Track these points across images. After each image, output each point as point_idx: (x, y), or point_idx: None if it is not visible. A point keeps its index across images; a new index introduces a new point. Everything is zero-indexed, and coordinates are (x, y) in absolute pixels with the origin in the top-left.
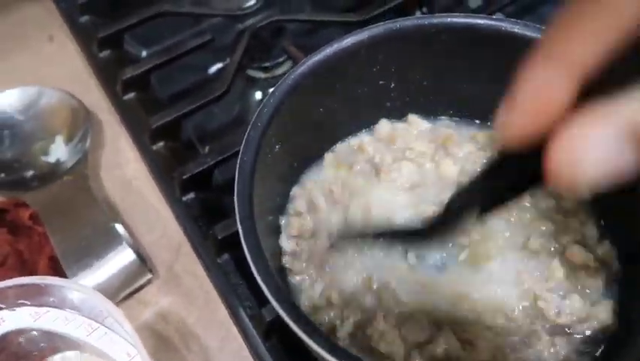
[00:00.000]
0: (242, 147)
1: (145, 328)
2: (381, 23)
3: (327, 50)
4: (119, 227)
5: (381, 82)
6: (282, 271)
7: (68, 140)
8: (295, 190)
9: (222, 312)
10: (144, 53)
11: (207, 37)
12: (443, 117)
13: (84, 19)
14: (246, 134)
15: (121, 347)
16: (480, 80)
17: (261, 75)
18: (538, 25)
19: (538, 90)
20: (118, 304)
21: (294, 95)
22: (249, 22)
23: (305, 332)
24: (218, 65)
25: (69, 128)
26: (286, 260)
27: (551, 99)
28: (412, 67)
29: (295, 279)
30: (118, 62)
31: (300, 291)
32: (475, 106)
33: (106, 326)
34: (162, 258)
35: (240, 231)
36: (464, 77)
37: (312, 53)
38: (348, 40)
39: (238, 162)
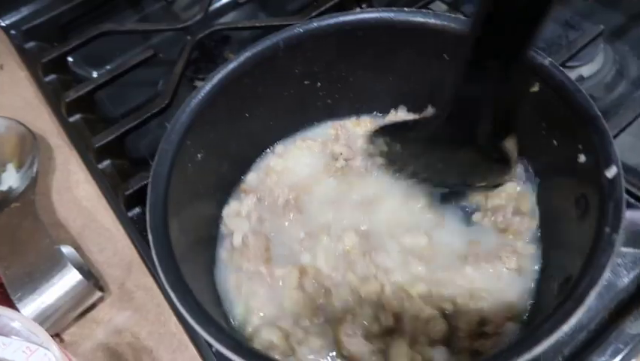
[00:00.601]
0: (155, 158)
1: (99, 346)
2: (297, 24)
3: (242, 57)
4: (66, 249)
5: (306, 82)
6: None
7: (19, 167)
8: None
9: (174, 322)
10: (95, 74)
11: (149, 53)
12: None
13: (30, 45)
14: (159, 147)
15: None
16: (401, 72)
17: None
18: (454, 16)
19: None
20: (71, 324)
21: (210, 105)
22: (193, 34)
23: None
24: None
25: (19, 156)
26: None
27: None
28: (335, 65)
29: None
30: (65, 85)
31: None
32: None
33: (45, 348)
34: (114, 275)
35: (150, 238)
36: (386, 72)
37: (225, 62)
38: (263, 45)
39: (151, 173)
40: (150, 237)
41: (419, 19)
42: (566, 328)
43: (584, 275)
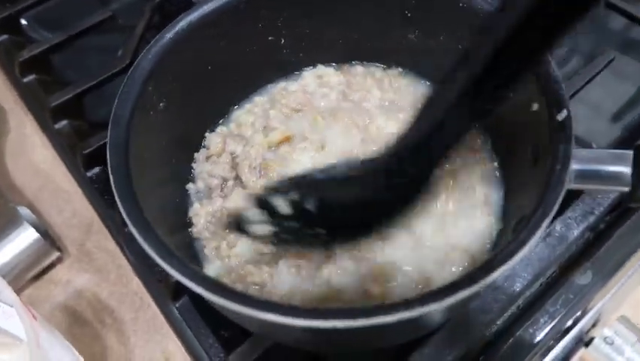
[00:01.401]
0: (116, 101)
1: (57, 306)
2: None
3: (204, 7)
4: (22, 210)
5: (270, 38)
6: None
7: None
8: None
9: (135, 282)
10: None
11: (106, 14)
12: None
13: None
14: (121, 88)
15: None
16: (361, 23)
17: None
18: None
19: None
20: (27, 284)
21: (173, 52)
22: None
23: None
24: None
25: None
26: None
27: None
28: (298, 19)
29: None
30: (18, 46)
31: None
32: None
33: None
34: (73, 237)
35: (112, 179)
36: (349, 23)
37: (187, 11)
38: None
39: (111, 116)
40: (111, 176)
41: None
42: (517, 258)
43: (536, 210)
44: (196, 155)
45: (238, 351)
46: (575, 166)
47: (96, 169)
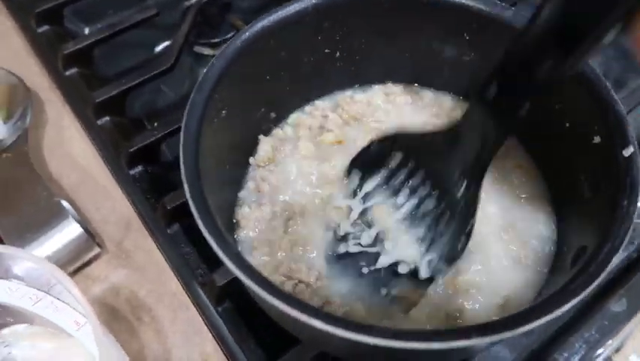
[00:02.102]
0: (186, 109)
1: (95, 302)
2: None
3: (271, 17)
4: (65, 203)
5: (326, 50)
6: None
7: (7, 118)
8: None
9: (174, 283)
10: (86, 30)
11: (152, 12)
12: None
13: None
14: (191, 97)
15: (69, 316)
16: (421, 46)
17: (209, 52)
18: None
19: None
20: None
21: (238, 60)
22: None
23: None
24: (165, 43)
25: (8, 106)
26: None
27: None
28: (357, 35)
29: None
30: (58, 38)
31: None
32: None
33: (52, 295)
34: (111, 234)
35: (186, 188)
36: (407, 45)
37: (254, 21)
38: (293, 7)
39: (183, 122)
40: (185, 183)
41: None
42: (587, 291)
43: (604, 245)
44: (251, 159)
45: (282, 359)
46: None
47: (139, 168)
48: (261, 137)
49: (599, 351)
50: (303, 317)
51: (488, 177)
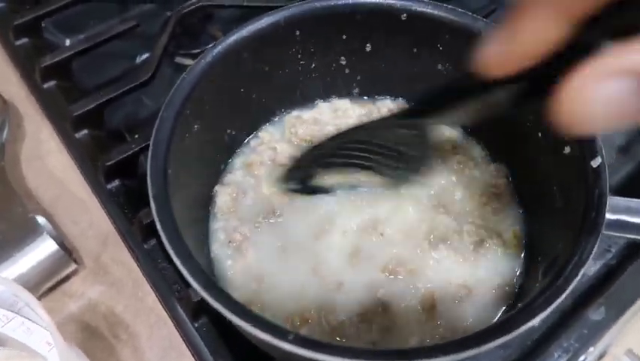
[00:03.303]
0: (156, 125)
1: (71, 319)
2: (298, 4)
3: (243, 31)
4: (40, 218)
5: (302, 62)
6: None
7: None
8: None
9: (152, 298)
10: (67, 42)
11: (132, 24)
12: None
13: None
14: (160, 113)
15: (40, 337)
16: (396, 58)
17: (190, 62)
18: (450, 7)
19: (529, 27)
20: (42, 296)
21: (209, 75)
22: (177, 8)
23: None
24: (146, 54)
25: None
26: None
27: (540, 35)
28: (330, 47)
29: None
30: (37, 50)
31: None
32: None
33: (23, 316)
34: (89, 248)
35: (153, 207)
36: (381, 57)
37: (227, 34)
38: (264, 21)
39: (152, 140)
40: (153, 205)
41: (419, 8)
42: (555, 304)
43: (573, 256)
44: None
45: None
46: (608, 216)
47: (116, 182)
48: (217, 188)
49: (580, 359)
50: (268, 338)
51: (459, 189)
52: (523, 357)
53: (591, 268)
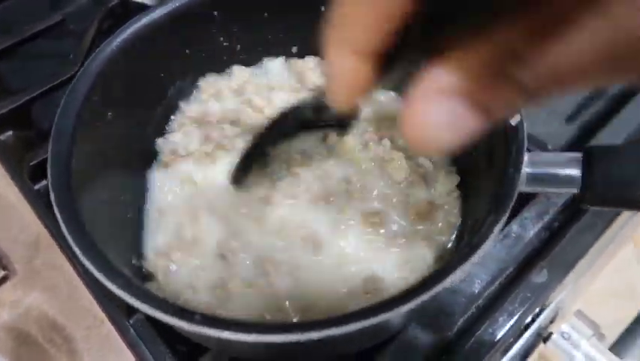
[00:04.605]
0: (57, 113)
1: (3, 328)
2: None
3: (156, 12)
4: None
5: (224, 43)
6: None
7: None
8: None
9: (87, 299)
10: None
11: (58, 18)
12: None
13: None
14: (62, 101)
15: None
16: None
17: None
18: None
19: (339, 75)
20: None
21: (119, 61)
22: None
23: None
24: None
25: None
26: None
27: (351, 80)
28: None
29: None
30: None
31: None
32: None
33: None
34: (20, 254)
35: (52, 197)
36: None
37: (132, 19)
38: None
39: (53, 128)
40: (52, 196)
41: None
42: (469, 263)
43: (489, 215)
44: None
45: None
46: (527, 169)
47: (43, 182)
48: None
49: (527, 321)
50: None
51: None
52: (469, 325)
53: (530, 231)
